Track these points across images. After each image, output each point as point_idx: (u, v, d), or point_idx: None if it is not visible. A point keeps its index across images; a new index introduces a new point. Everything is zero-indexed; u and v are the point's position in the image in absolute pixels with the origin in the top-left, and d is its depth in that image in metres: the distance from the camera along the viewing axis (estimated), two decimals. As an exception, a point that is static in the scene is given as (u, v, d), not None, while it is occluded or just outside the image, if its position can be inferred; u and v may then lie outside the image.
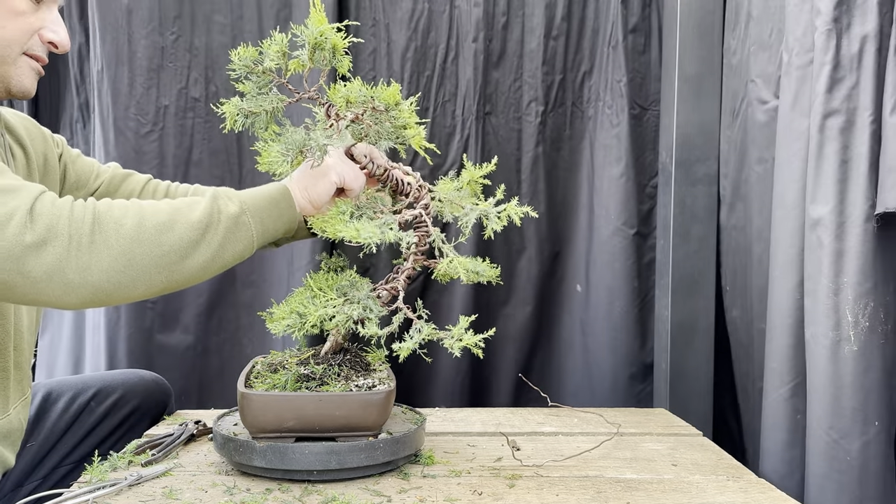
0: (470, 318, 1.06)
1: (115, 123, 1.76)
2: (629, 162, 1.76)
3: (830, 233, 1.11)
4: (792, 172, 1.23)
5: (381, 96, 1.09)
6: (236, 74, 1.12)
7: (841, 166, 1.11)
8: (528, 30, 1.80)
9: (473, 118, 1.79)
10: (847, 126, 1.11)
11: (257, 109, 1.11)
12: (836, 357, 1.11)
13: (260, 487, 1.06)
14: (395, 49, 1.79)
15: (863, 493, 1.09)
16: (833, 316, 1.11)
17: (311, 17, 1.07)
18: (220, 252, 0.97)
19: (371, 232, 1.02)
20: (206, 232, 0.95)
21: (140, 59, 1.76)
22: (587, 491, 1.07)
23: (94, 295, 0.88)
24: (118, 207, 0.91)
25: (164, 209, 0.94)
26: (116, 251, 0.88)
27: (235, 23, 1.77)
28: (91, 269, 0.86)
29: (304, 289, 1.12)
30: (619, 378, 1.78)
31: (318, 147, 1.04)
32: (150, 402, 1.39)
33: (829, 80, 1.12)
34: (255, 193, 1.05)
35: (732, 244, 1.53)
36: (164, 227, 0.92)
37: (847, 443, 1.10)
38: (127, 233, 0.89)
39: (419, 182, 1.16)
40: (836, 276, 1.11)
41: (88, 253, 0.86)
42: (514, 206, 1.13)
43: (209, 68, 1.77)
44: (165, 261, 0.91)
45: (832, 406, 1.11)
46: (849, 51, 1.11)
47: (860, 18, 1.10)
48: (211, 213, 0.96)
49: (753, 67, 1.42)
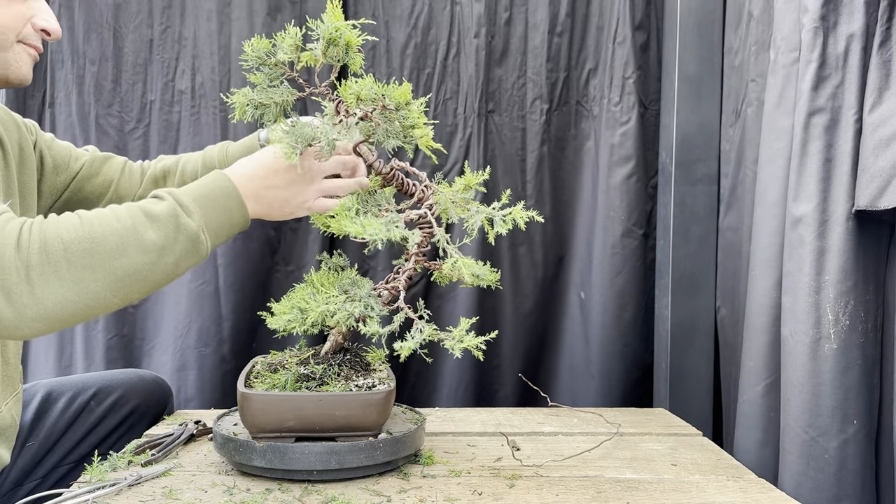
0: (471, 320, 1.06)
1: (96, 121, 1.74)
2: (639, 160, 1.72)
3: (813, 231, 1.11)
4: (774, 171, 1.23)
5: (392, 95, 1.09)
6: (248, 65, 1.12)
7: (824, 164, 1.11)
8: (531, 26, 1.76)
9: (476, 116, 1.76)
10: (831, 124, 1.11)
11: (267, 101, 1.11)
12: (815, 355, 1.11)
13: (260, 487, 1.06)
14: (395, 46, 1.76)
15: (840, 492, 1.09)
16: (813, 314, 1.11)
17: (328, 12, 1.07)
18: (174, 270, 0.93)
19: (377, 229, 1.02)
20: (161, 254, 0.91)
21: (127, 54, 1.73)
22: (587, 491, 1.07)
23: (48, 325, 0.85)
24: (66, 230, 0.87)
25: (115, 230, 0.89)
26: (68, 280, 0.85)
27: (222, 9, 1.73)
28: (43, 302, 0.83)
29: (306, 285, 1.12)
30: (627, 382, 1.75)
31: (328, 141, 1.04)
32: (150, 402, 1.38)
33: (815, 77, 1.12)
34: (213, 207, 0.98)
35: (727, 244, 1.53)
36: (116, 252, 0.88)
37: (825, 441, 1.10)
38: (77, 261, 0.85)
39: (425, 182, 1.16)
40: (818, 274, 1.11)
41: (39, 286, 0.83)
42: (519, 210, 1.12)
43: (196, 58, 1.74)
44: (119, 285, 0.88)
45: (810, 404, 1.11)
46: (835, 49, 1.11)
47: (847, 17, 1.10)
48: (167, 234, 0.92)
49: (754, 67, 1.42)
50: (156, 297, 1.77)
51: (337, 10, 1.08)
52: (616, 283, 1.74)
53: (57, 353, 1.78)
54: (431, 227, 1.12)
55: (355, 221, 1.04)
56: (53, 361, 1.78)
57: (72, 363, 1.78)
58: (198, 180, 1.02)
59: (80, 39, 1.73)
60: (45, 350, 1.79)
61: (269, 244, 1.79)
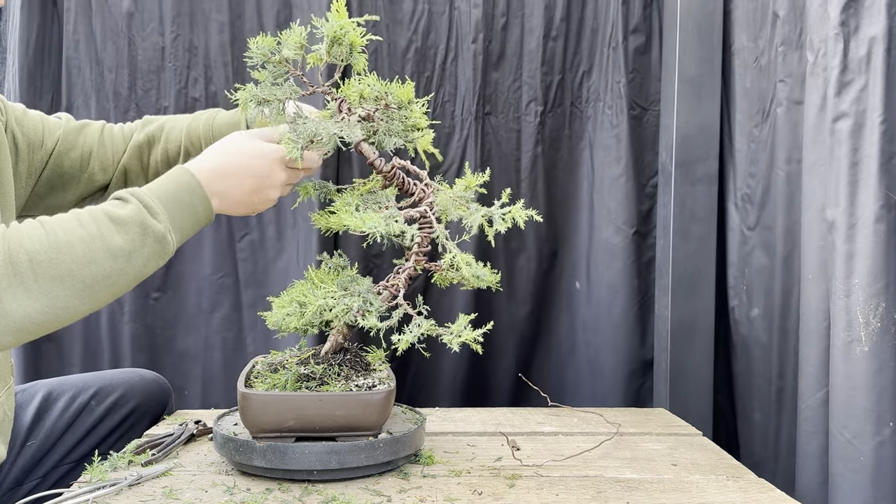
0: (469, 316, 1.06)
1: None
2: (629, 162, 1.77)
3: (841, 234, 1.12)
4: (819, 175, 1.23)
5: (395, 93, 1.10)
6: (252, 62, 1.12)
7: (851, 168, 1.11)
8: (527, 30, 1.80)
9: (473, 118, 1.80)
10: (856, 128, 1.11)
11: (271, 98, 1.11)
12: (848, 357, 1.11)
13: (260, 487, 1.06)
14: (396, 50, 1.79)
15: (877, 493, 1.09)
16: (844, 317, 1.11)
17: (333, 11, 1.08)
18: (143, 272, 0.93)
19: (376, 222, 1.03)
20: (129, 259, 0.90)
21: (141, 62, 1.77)
22: (587, 491, 1.07)
23: (17, 338, 0.84)
24: (30, 240, 0.85)
25: (80, 237, 0.87)
26: (36, 292, 0.83)
27: (234, 21, 1.78)
28: (12, 315, 0.82)
29: (306, 281, 1.13)
30: (619, 374, 1.80)
31: (329, 137, 1.04)
32: (150, 402, 1.38)
33: (838, 83, 1.12)
34: (178, 206, 0.97)
35: (760, 243, 1.52)
36: (83, 260, 0.86)
37: (860, 443, 1.10)
38: (44, 272, 0.84)
39: (425, 181, 1.16)
40: (847, 277, 1.11)
41: (6, 299, 0.82)
42: (518, 209, 1.13)
43: (208, 68, 1.78)
44: (88, 292, 0.87)
45: (845, 406, 1.11)
46: (857, 53, 1.11)
47: (868, 20, 1.10)
48: (133, 238, 0.90)
49: (782, 68, 1.42)
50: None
51: (342, 10, 1.08)
52: (608, 278, 1.79)
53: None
54: (431, 226, 1.12)
55: (354, 215, 1.04)
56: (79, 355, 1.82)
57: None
58: (161, 178, 1.00)
59: (98, 47, 1.77)
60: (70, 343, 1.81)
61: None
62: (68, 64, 1.77)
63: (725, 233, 1.62)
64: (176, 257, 1.79)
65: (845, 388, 1.11)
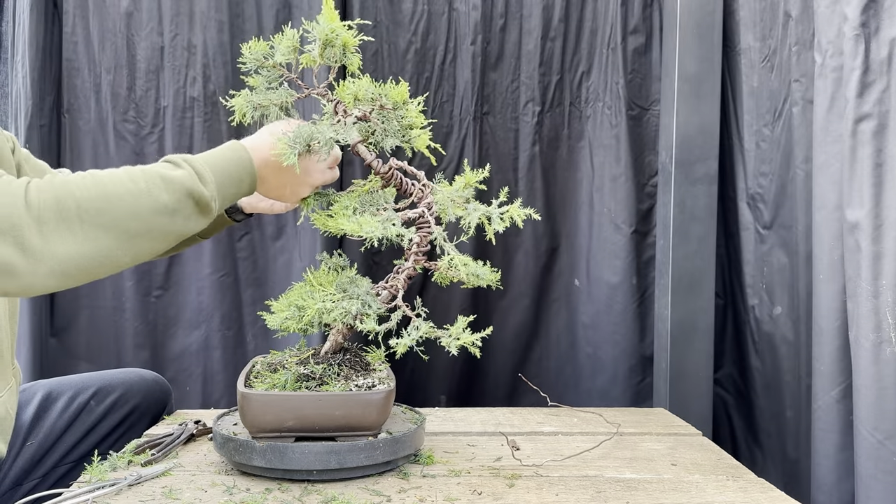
0: (468, 318, 1.06)
1: (114, 127, 1.78)
2: (628, 161, 1.78)
3: (867, 236, 1.11)
4: (831, 175, 1.23)
5: (390, 94, 1.10)
6: (246, 68, 1.12)
7: (875, 170, 1.11)
8: (525, 31, 1.82)
9: (471, 118, 1.81)
10: (879, 129, 1.11)
11: (266, 103, 1.11)
12: (877, 359, 1.11)
13: (260, 487, 1.06)
14: (396, 51, 1.80)
15: None
16: (873, 318, 1.11)
17: (323, 13, 1.08)
18: (183, 231, 0.96)
19: (373, 226, 1.03)
20: (173, 216, 0.93)
21: (139, 62, 1.77)
22: (587, 491, 1.07)
23: (61, 280, 0.86)
24: (79, 189, 0.87)
25: (129, 191, 0.90)
26: (81, 237, 0.86)
27: (234, 20, 1.78)
28: (58, 256, 0.84)
29: (304, 283, 1.13)
30: (618, 370, 1.82)
31: (325, 141, 1.04)
32: (149, 402, 1.38)
33: (860, 84, 1.12)
34: (228, 178, 1.01)
35: (778, 241, 1.52)
36: (130, 212, 0.89)
37: (892, 444, 1.09)
38: (91, 219, 0.87)
39: (423, 182, 1.16)
40: (875, 279, 1.11)
41: (53, 241, 0.84)
42: (517, 208, 1.13)
43: (206, 67, 1.78)
44: (130, 244, 0.90)
45: (875, 407, 1.11)
46: (878, 55, 1.11)
47: (889, 21, 1.10)
48: (179, 198, 0.93)
49: (796, 67, 1.42)
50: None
51: (332, 12, 1.08)
52: (607, 276, 1.81)
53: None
54: (430, 226, 1.12)
55: (352, 220, 1.04)
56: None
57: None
58: (217, 149, 1.04)
59: (96, 49, 1.78)
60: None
61: None
62: (68, 65, 1.78)
63: (736, 231, 1.62)
64: (176, 256, 1.81)
65: (875, 389, 1.11)
